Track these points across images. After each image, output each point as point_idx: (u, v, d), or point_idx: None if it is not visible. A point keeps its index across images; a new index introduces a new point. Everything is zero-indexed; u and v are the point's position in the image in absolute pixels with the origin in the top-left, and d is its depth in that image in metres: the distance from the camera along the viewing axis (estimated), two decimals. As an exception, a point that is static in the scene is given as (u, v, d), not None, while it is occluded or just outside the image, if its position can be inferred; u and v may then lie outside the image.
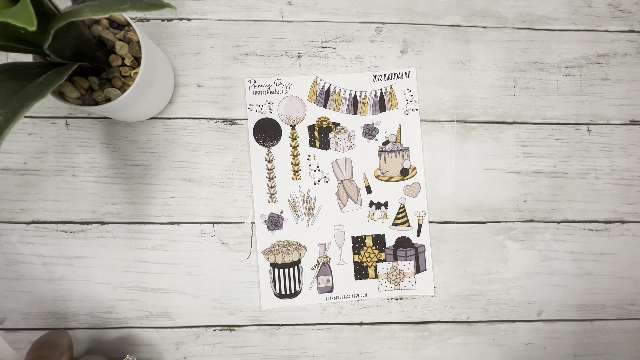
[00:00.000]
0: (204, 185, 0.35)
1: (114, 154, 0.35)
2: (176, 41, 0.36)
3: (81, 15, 0.21)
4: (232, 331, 0.35)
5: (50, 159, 0.35)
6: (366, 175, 0.36)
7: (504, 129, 0.37)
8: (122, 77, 0.29)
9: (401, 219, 0.36)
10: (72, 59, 0.26)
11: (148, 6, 0.21)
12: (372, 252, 0.36)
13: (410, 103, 0.37)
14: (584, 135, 0.37)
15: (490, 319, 0.36)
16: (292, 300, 0.35)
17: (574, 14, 0.38)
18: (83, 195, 0.35)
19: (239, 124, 0.36)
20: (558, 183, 0.37)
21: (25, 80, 0.23)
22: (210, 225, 0.35)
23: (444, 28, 0.37)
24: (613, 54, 0.38)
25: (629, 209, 0.37)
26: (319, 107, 0.36)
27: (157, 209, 0.35)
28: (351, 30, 0.37)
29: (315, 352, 0.35)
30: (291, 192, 0.36)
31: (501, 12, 0.38)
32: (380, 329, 0.35)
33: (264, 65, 0.36)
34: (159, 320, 0.34)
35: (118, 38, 0.29)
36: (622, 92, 0.38)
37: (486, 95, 0.37)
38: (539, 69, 0.38)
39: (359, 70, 0.37)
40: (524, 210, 0.37)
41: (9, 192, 0.34)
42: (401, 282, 0.36)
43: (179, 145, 0.35)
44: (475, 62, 0.37)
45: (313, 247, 0.36)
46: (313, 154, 0.36)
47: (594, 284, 0.36)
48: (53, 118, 0.35)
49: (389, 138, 0.37)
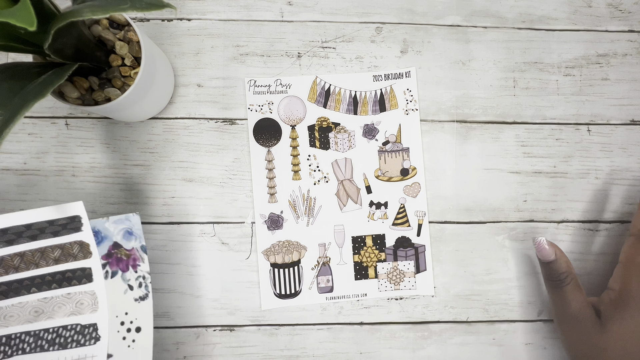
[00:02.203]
0: (204, 185, 0.35)
1: (114, 154, 0.35)
2: (176, 41, 0.36)
3: (81, 15, 0.21)
4: (232, 331, 0.35)
5: (50, 159, 0.35)
6: (366, 175, 0.36)
7: (504, 129, 0.37)
8: (122, 77, 0.30)
9: (401, 219, 0.36)
10: (72, 59, 0.26)
11: (148, 6, 0.21)
12: (372, 252, 0.36)
13: (410, 103, 0.37)
14: (584, 135, 0.37)
15: (490, 319, 0.36)
16: (292, 300, 0.35)
17: (574, 14, 0.38)
18: (83, 195, 0.35)
19: (239, 124, 0.36)
20: (558, 183, 0.37)
21: (25, 80, 0.23)
22: (210, 225, 0.35)
23: (444, 28, 0.37)
24: (613, 54, 0.38)
25: (629, 209, 0.37)
26: (319, 107, 0.36)
27: (157, 209, 0.35)
28: (351, 30, 0.37)
29: (315, 352, 0.35)
30: (291, 192, 0.36)
31: (501, 12, 0.38)
32: (380, 329, 0.35)
33: (264, 65, 0.36)
34: (159, 320, 0.34)
35: (118, 38, 0.29)
36: (622, 92, 0.38)
37: (486, 95, 0.37)
38: (539, 69, 0.38)
39: (359, 70, 0.37)
40: (524, 210, 0.37)
41: (9, 192, 0.34)
42: (401, 282, 0.36)
43: (179, 145, 0.36)
44: (475, 62, 0.37)
45: (313, 247, 0.36)
46: (313, 154, 0.36)
47: (594, 284, 0.36)
48: (53, 118, 0.35)
49: (389, 138, 0.37)
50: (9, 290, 0.28)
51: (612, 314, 0.28)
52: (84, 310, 0.28)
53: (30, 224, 0.27)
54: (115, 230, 0.30)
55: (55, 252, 0.28)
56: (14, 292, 0.28)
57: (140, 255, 0.30)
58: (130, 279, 0.30)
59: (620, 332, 0.27)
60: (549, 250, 0.31)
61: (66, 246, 0.28)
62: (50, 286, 0.28)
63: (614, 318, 0.28)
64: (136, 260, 0.30)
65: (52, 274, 0.28)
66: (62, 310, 0.28)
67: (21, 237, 0.27)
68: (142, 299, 0.30)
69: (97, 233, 0.30)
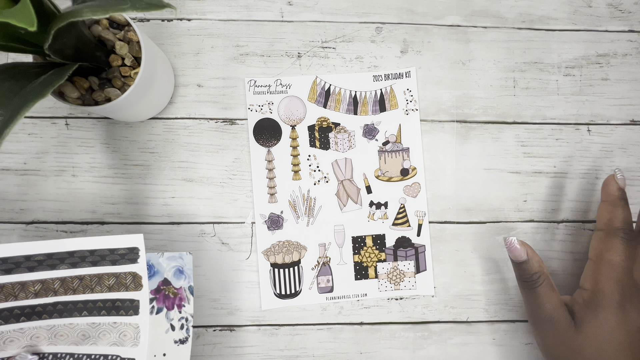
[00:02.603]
0: (204, 185, 0.35)
1: (114, 154, 0.35)
2: (176, 41, 0.36)
3: (81, 15, 0.21)
4: (232, 331, 0.35)
5: (50, 159, 0.35)
6: (366, 175, 0.36)
7: (504, 129, 0.37)
8: (122, 77, 0.29)
9: (401, 219, 0.36)
10: (72, 59, 0.26)
11: (148, 6, 0.21)
12: (372, 252, 0.36)
13: (410, 103, 0.37)
14: (584, 135, 0.37)
15: (490, 319, 0.36)
16: (292, 300, 0.35)
17: (574, 14, 0.38)
18: (83, 195, 0.35)
19: (239, 124, 0.36)
20: (558, 183, 0.37)
21: (25, 80, 0.23)
22: (210, 225, 0.35)
23: (444, 28, 0.37)
24: (613, 54, 0.38)
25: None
26: (319, 107, 0.36)
27: (157, 209, 0.35)
28: (351, 30, 0.37)
29: (315, 352, 0.35)
30: (291, 192, 0.36)
31: (501, 12, 0.38)
32: (380, 329, 0.35)
33: (264, 65, 0.36)
34: (159, 320, 0.34)
35: (118, 38, 0.29)
36: (622, 92, 0.38)
37: (486, 95, 0.37)
38: (539, 69, 0.38)
39: (359, 70, 0.37)
40: (524, 210, 0.37)
41: (9, 192, 0.34)
42: (401, 282, 0.36)
43: (179, 145, 0.36)
44: (475, 62, 0.37)
45: (313, 247, 0.36)
46: (313, 154, 0.36)
47: (594, 284, 0.36)
48: (53, 118, 0.35)
49: (389, 138, 0.37)
50: (64, 310, 0.28)
51: (586, 315, 0.28)
52: (126, 342, 0.29)
53: (94, 250, 0.28)
54: (168, 267, 0.30)
55: (111, 279, 0.28)
56: (68, 312, 0.28)
57: (187, 295, 0.30)
58: (173, 319, 0.30)
59: (594, 334, 0.27)
60: (520, 250, 0.30)
61: (121, 275, 0.28)
62: (100, 312, 0.29)
63: (588, 319, 0.27)
64: (182, 300, 0.30)
65: (104, 300, 0.29)
66: (106, 339, 0.29)
67: (84, 262, 0.28)
68: (182, 342, 0.30)
69: (151, 267, 0.30)
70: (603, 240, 0.29)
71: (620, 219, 0.29)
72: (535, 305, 0.30)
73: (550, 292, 0.30)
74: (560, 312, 0.29)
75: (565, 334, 0.28)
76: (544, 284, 0.30)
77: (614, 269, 0.27)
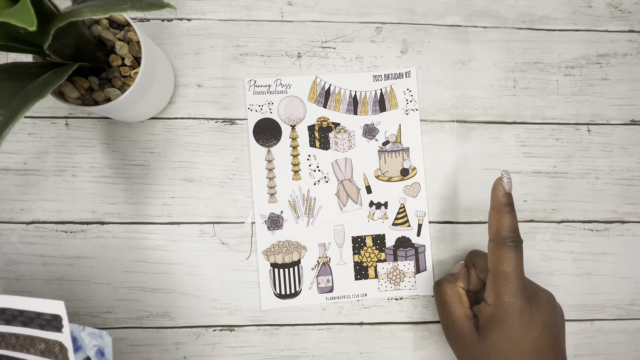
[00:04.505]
0: (204, 185, 0.35)
1: (114, 154, 0.35)
2: (176, 41, 0.36)
3: (81, 15, 0.21)
4: (232, 331, 0.35)
5: (50, 159, 0.35)
6: (366, 175, 0.36)
7: (504, 129, 0.37)
8: (122, 77, 0.30)
9: (401, 219, 0.36)
10: (72, 59, 0.26)
11: (148, 6, 0.21)
12: (372, 252, 0.36)
13: (410, 103, 0.37)
14: (584, 135, 0.37)
15: (490, 319, 0.36)
16: (292, 300, 0.35)
17: (574, 14, 0.38)
18: (83, 195, 0.35)
19: (239, 124, 0.36)
20: (558, 183, 0.37)
21: (25, 80, 0.23)
22: (210, 225, 0.35)
23: (444, 28, 0.37)
24: (613, 54, 0.38)
25: (629, 209, 0.37)
26: (319, 107, 0.36)
27: (157, 209, 0.35)
28: (351, 30, 0.37)
29: (315, 352, 0.35)
30: (291, 192, 0.36)
31: (501, 12, 0.38)
32: (380, 329, 0.35)
33: (264, 65, 0.36)
34: (159, 320, 0.34)
35: (118, 38, 0.29)
36: (622, 92, 0.38)
37: (486, 95, 0.37)
38: (539, 69, 0.38)
39: (359, 70, 0.37)
40: (524, 210, 0.37)
41: (9, 192, 0.34)
42: (401, 282, 0.36)
43: (179, 145, 0.35)
44: (475, 62, 0.37)
45: (313, 247, 0.36)
46: (313, 154, 0.36)
47: (594, 284, 0.36)
48: (53, 118, 0.35)
49: (389, 138, 0.37)
50: None
51: (490, 331, 0.28)
52: None
53: (22, 310, 0.26)
54: (90, 344, 0.28)
55: (42, 344, 0.27)
56: None
57: None
58: None
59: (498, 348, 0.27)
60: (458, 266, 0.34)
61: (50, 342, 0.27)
62: None
63: (492, 335, 0.27)
64: None
65: None
66: None
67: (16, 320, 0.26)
68: None
69: (75, 340, 0.28)
70: (494, 251, 0.28)
71: (507, 227, 0.28)
72: (444, 313, 0.31)
73: (457, 304, 0.30)
74: (465, 323, 0.29)
75: (471, 345, 0.29)
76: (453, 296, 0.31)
77: (509, 280, 0.27)
